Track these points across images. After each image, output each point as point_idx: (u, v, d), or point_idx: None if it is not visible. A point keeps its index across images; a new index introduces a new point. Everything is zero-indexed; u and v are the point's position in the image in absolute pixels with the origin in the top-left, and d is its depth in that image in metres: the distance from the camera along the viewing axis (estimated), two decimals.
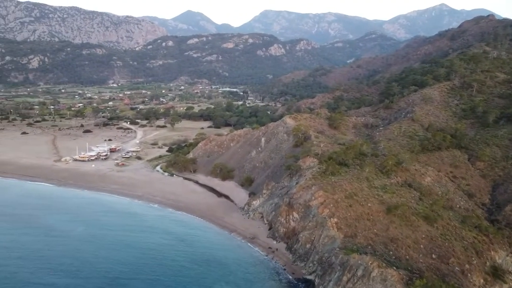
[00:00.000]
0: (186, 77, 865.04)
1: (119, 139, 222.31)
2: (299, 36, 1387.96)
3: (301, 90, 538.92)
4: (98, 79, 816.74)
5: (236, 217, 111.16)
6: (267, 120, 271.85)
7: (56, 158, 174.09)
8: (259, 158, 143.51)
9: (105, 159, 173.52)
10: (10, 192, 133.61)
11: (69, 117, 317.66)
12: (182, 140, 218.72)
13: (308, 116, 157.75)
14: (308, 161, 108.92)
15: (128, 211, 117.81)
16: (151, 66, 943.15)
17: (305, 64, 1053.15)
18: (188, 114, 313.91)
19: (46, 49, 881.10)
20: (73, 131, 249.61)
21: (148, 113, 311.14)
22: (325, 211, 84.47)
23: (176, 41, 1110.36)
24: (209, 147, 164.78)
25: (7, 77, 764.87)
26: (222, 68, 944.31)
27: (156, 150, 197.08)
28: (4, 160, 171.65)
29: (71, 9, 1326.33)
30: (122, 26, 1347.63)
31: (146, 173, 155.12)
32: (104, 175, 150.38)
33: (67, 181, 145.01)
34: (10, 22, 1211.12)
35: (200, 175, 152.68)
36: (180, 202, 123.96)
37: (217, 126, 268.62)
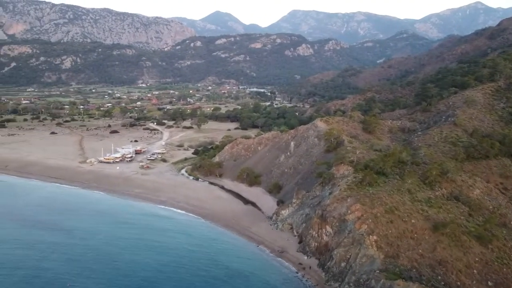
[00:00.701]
0: (214, 78, 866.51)
1: (145, 140, 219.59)
2: (328, 36, 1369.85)
3: (330, 91, 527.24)
4: (127, 79, 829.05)
5: (264, 228, 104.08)
6: (295, 121, 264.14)
7: (82, 159, 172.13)
8: (288, 163, 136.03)
9: (130, 161, 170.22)
10: (33, 195, 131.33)
11: (98, 117, 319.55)
12: (208, 142, 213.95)
13: (341, 119, 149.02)
14: (342, 169, 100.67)
15: (150, 218, 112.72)
16: (179, 66, 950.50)
17: (334, 64, 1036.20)
18: (214, 115, 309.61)
19: (78, 50, 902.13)
20: (100, 131, 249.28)
21: (175, 114, 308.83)
22: (363, 227, 76.21)
23: (204, 41, 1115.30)
24: (236, 150, 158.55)
25: (41, 77, 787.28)
26: (250, 69, 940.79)
27: (182, 152, 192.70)
28: (31, 161, 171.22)
29: (103, 10, 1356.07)
30: (151, 27, 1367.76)
31: (170, 176, 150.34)
32: (128, 178, 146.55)
33: (90, 184, 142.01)
34: (45, 24, 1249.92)
35: (226, 179, 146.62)
36: (205, 209, 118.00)
37: (244, 128, 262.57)
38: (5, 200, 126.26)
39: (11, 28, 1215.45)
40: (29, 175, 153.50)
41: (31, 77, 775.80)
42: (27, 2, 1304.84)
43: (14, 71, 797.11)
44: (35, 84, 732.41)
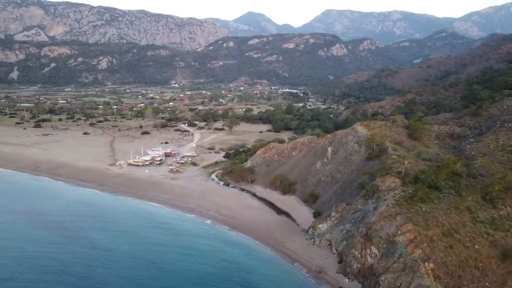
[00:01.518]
0: (246, 78, 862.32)
1: (176, 142, 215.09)
2: (362, 35, 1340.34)
3: (365, 92, 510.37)
4: (161, 79, 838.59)
5: (299, 243, 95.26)
6: (330, 124, 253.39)
7: (111, 161, 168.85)
8: (325, 171, 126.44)
9: (159, 164, 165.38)
10: (60, 199, 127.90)
11: (130, 117, 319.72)
12: (239, 145, 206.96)
13: (383, 123, 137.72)
14: (388, 181, 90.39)
15: (178, 228, 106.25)
16: (212, 66, 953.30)
17: (369, 64, 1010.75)
18: (246, 116, 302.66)
19: (114, 51, 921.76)
20: (132, 132, 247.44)
21: (206, 115, 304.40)
22: (417, 252, 66.09)
23: (237, 41, 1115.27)
24: (269, 155, 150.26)
25: (78, 77, 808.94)
26: (282, 69, 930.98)
27: (213, 155, 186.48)
28: (62, 162, 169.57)
29: (138, 12, 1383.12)
30: (185, 27, 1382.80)
31: (200, 181, 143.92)
32: (157, 183, 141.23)
33: (119, 188, 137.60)
34: (84, 26, 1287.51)
35: (258, 186, 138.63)
36: (235, 219, 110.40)
37: (277, 130, 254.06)
38: (33, 203, 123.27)
39: (52, 30, 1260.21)
40: (58, 177, 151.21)
41: (69, 77, 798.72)
42: (67, 4, 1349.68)
43: (53, 72, 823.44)
44: (73, 84, 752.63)
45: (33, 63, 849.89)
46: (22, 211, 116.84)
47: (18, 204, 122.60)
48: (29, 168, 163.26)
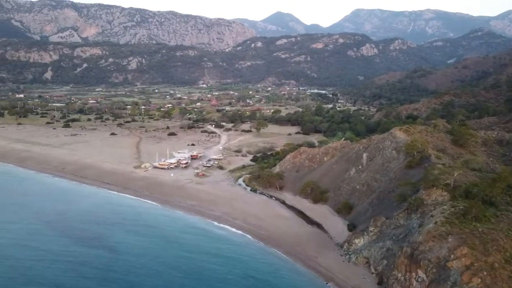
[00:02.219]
0: (274, 78, 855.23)
1: (202, 144, 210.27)
2: (393, 35, 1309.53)
3: (397, 93, 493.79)
4: (189, 79, 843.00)
5: (333, 259, 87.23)
6: (362, 127, 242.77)
7: (137, 164, 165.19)
8: (360, 179, 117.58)
9: (185, 167, 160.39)
10: (83, 203, 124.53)
11: (157, 118, 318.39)
12: (267, 148, 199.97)
13: (423, 128, 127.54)
14: (434, 194, 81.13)
15: (203, 238, 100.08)
16: (240, 67, 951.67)
17: (400, 65, 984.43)
18: (274, 118, 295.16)
19: (144, 51, 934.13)
20: (158, 133, 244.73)
21: (234, 116, 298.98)
22: (475, 281, 57.13)
23: (265, 42, 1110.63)
24: (299, 160, 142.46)
25: (109, 78, 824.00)
26: (311, 69, 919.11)
27: (240, 159, 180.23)
28: (88, 164, 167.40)
29: (168, 13, 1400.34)
30: (213, 28, 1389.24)
31: (226, 187, 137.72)
32: (182, 187, 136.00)
33: (143, 192, 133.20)
34: (115, 27, 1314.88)
35: (287, 193, 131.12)
36: (264, 229, 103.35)
37: (306, 132, 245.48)
38: (56, 206, 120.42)
39: (84, 31, 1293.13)
40: (83, 179, 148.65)
41: (100, 77, 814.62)
42: (100, 6, 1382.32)
43: (85, 72, 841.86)
44: (104, 84, 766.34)
45: (66, 63, 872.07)
46: (45, 214, 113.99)
47: (41, 207, 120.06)
48: (55, 169, 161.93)
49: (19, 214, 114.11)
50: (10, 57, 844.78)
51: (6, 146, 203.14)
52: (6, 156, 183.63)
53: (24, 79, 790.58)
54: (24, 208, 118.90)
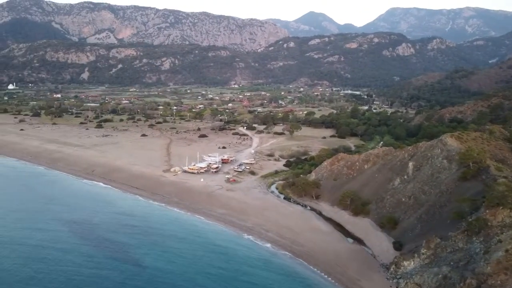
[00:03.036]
0: (306, 79, 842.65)
1: (233, 147, 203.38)
2: (430, 34, 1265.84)
3: (437, 94, 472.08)
4: (221, 80, 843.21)
5: (379, 283, 77.48)
6: (401, 131, 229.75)
7: (166, 167, 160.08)
8: (406, 191, 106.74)
9: (215, 172, 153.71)
10: (111, 208, 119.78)
11: (189, 119, 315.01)
12: (301, 152, 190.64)
13: (478, 135, 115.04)
14: (501, 214, 70.06)
15: (233, 251, 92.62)
16: (272, 67, 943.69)
17: (438, 65, 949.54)
18: (308, 120, 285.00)
19: (177, 52, 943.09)
20: (189, 135, 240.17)
21: (266, 118, 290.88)
22: None
23: (297, 42, 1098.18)
24: (337, 167, 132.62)
25: (143, 78, 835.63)
26: (344, 70, 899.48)
27: (272, 163, 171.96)
28: (117, 166, 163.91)
29: (201, 14, 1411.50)
30: (246, 28, 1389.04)
31: (259, 194, 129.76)
32: (212, 194, 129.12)
33: (171, 198, 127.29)
34: (150, 28, 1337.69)
35: (324, 203, 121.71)
36: (300, 244, 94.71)
37: (342, 136, 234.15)
38: (82, 212, 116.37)
39: (120, 33, 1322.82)
40: (112, 183, 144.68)
41: (134, 78, 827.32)
42: (135, 8, 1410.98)
43: (120, 72, 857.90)
44: (137, 84, 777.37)
45: (102, 64, 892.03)
46: (70, 220, 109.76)
47: (67, 212, 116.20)
48: (85, 172, 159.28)
49: (45, 219, 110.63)
50: (50, 58, 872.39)
51: (40, 146, 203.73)
52: (39, 157, 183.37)
53: (62, 79, 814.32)
54: (51, 213, 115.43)
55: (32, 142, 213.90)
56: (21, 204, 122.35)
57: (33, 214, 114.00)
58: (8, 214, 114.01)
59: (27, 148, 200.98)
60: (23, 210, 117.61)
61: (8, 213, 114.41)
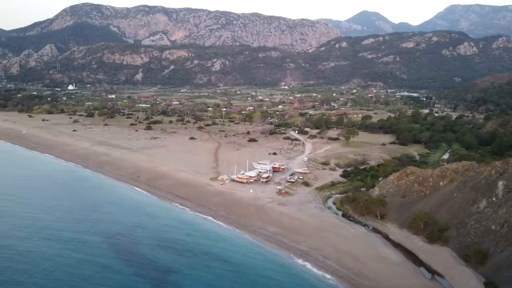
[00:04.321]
0: (359, 80, 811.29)
1: (284, 154, 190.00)
2: (493, 32, 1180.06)
3: (506, 97, 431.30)
4: (271, 81, 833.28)
5: None
6: (472, 138, 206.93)
7: (213, 175, 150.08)
8: (496, 216, 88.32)
9: (266, 181, 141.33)
10: (154, 221, 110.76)
11: (238, 121, 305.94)
12: (359, 161, 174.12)
13: None
14: None
15: (289, 282, 79.63)
16: (323, 68, 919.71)
17: (504, 65, 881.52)
18: (364, 124, 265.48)
19: (228, 53, 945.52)
20: (238, 138, 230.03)
21: (319, 121, 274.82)
22: None
23: (350, 42, 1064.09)
24: (405, 183, 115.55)
25: (194, 79, 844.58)
26: (400, 70, 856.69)
27: (327, 173, 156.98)
28: (163, 172, 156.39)
29: (252, 15, 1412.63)
30: (296, 29, 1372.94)
31: (314, 210, 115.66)
32: (262, 208, 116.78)
33: (218, 211, 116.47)
34: (201, 30, 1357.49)
35: (391, 225, 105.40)
36: (365, 277, 79.88)
37: (403, 143, 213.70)
38: (123, 225, 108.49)
39: (173, 35, 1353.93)
40: (156, 191, 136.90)
41: (185, 79, 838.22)
42: (188, 11, 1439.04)
43: (172, 73, 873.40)
44: (188, 85, 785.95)
45: (155, 65, 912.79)
46: (112, 233, 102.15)
47: (110, 223, 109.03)
48: (130, 177, 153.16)
49: (87, 230, 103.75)
50: (107, 59, 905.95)
51: (89, 148, 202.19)
52: (87, 160, 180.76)
53: (117, 80, 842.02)
54: (93, 224, 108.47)
55: (82, 143, 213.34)
56: (65, 213, 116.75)
57: (75, 225, 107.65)
58: (51, 224, 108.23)
59: (77, 150, 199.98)
60: (65, 219, 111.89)
61: (52, 223, 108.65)
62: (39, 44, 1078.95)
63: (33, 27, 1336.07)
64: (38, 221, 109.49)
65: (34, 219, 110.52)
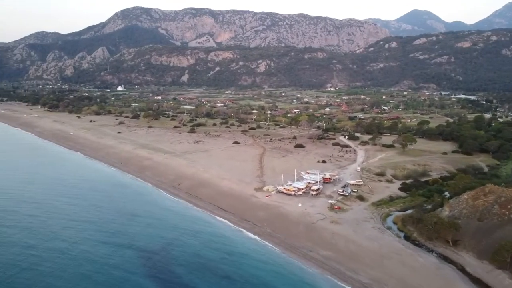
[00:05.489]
0: (410, 82, 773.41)
1: (335, 162, 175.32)
2: None
3: None
4: (316, 82, 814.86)
5: None
6: None
7: (258, 184, 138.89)
8: None
9: (316, 194, 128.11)
10: (193, 238, 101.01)
11: (283, 124, 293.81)
12: (419, 173, 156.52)
13: None
14: None
15: None
16: (371, 69, 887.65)
17: None
18: (421, 130, 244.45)
19: (273, 54, 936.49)
20: (284, 144, 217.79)
21: (370, 126, 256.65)
22: None
23: (400, 42, 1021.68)
24: (483, 203, 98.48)
25: (238, 80, 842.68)
26: (455, 71, 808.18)
27: (384, 186, 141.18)
28: (205, 180, 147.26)
29: (298, 16, 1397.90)
30: (343, 29, 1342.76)
31: (373, 232, 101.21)
32: (312, 227, 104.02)
33: (263, 228, 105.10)
34: (247, 31, 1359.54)
35: (466, 254, 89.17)
36: None
37: (467, 152, 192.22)
38: (162, 239, 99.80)
39: (219, 37, 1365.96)
40: (197, 201, 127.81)
41: (230, 80, 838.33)
42: (234, 12, 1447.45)
43: (217, 75, 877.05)
44: (233, 86, 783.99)
45: (201, 67, 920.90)
46: (149, 249, 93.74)
47: (147, 237, 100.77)
48: (171, 184, 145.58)
49: (125, 244, 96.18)
50: (154, 61, 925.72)
51: (131, 152, 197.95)
52: (129, 164, 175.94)
53: (164, 81, 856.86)
54: (130, 237, 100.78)
55: (125, 146, 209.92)
56: (103, 223, 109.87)
57: (112, 237, 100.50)
58: (92, 234, 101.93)
59: (120, 153, 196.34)
60: (103, 230, 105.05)
61: (92, 233, 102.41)
62: (92, 47, 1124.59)
63: (87, 30, 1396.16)
64: (80, 231, 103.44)
65: (75, 229, 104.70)
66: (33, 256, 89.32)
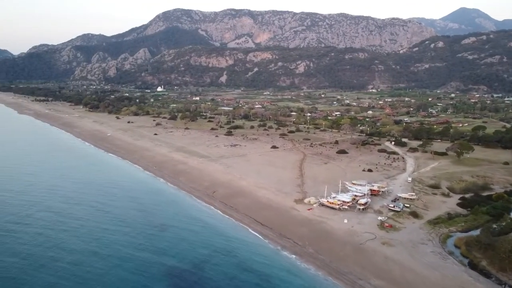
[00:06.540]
0: (458, 83, 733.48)
1: (382, 171, 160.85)
2: None
3: None
4: (357, 83, 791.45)
5: None
6: None
7: (298, 195, 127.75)
8: None
9: (363, 209, 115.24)
10: (228, 255, 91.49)
11: (324, 128, 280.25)
12: (479, 186, 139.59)
13: None
14: None
15: None
16: (415, 70, 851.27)
17: None
18: (476, 136, 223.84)
19: (312, 55, 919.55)
20: (325, 149, 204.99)
21: (419, 131, 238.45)
22: None
23: (447, 41, 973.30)
24: None
25: (277, 81, 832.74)
26: (508, 72, 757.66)
27: (439, 200, 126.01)
28: (241, 188, 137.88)
29: (338, 15, 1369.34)
30: (386, 29, 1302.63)
31: (432, 258, 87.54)
32: (361, 249, 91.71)
33: (305, 248, 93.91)
34: (286, 32, 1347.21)
35: None
36: None
37: None
38: (195, 256, 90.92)
39: (258, 37, 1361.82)
40: (232, 212, 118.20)
41: (268, 81, 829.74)
42: (273, 13, 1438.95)
43: (255, 76, 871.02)
44: (271, 87, 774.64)
45: (240, 68, 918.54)
46: (174, 268, 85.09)
47: (178, 253, 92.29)
48: (205, 192, 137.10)
49: (150, 258, 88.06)
50: (194, 62, 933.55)
51: (166, 155, 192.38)
52: (163, 168, 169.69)
53: (203, 82, 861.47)
54: (157, 251, 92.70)
55: (161, 149, 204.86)
56: (132, 236, 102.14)
57: (140, 252, 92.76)
58: (117, 250, 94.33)
59: (155, 156, 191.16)
60: (131, 244, 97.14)
61: (117, 249, 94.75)
62: (134, 48, 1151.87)
63: (130, 32, 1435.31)
64: (111, 243, 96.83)
65: (106, 239, 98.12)
66: (50, 276, 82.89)
